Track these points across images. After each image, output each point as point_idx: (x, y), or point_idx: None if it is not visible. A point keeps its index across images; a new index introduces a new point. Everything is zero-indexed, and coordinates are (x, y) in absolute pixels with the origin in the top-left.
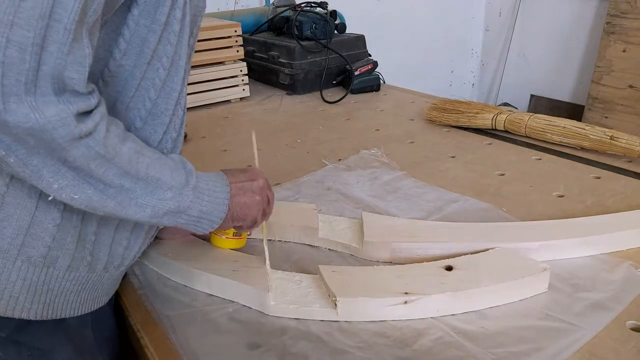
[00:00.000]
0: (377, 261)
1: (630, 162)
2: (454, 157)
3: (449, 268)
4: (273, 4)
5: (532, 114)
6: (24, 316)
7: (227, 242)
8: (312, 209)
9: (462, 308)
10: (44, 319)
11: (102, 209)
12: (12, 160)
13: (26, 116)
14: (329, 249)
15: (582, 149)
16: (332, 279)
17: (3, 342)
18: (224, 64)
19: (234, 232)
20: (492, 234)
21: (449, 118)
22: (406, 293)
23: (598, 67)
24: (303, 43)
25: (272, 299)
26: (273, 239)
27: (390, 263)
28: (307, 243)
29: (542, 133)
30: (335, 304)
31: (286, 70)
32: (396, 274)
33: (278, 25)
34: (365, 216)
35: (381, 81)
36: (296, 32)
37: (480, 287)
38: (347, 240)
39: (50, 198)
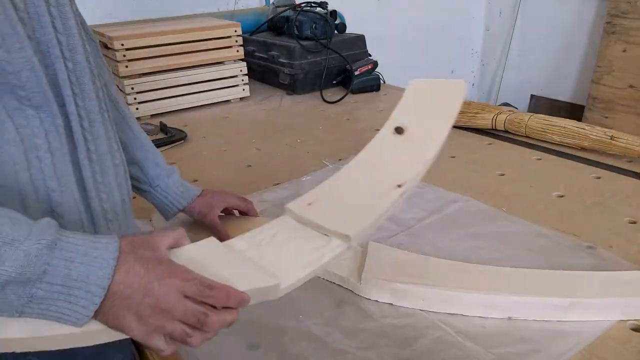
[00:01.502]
0: (377, 301)
1: (630, 162)
2: (454, 157)
3: None
4: (273, 3)
5: (532, 114)
6: None
7: None
8: None
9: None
10: None
11: None
12: None
13: None
14: (326, 280)
15: (582, 149)
16: None
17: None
18: (224, 64)
19: None
20: (515, 284)
21: None
22: None
23: (598, 67)
24: (303, 43)
25: None
26: None
27: (391, 305)
28: None
29: (542, 133)
30: None
31: (286, 70)
32: None
33: (278, 25)
34: (371, 247)
35: (381, 81)
36: (296, 32)
37: None
38: (346, 273)
39: None
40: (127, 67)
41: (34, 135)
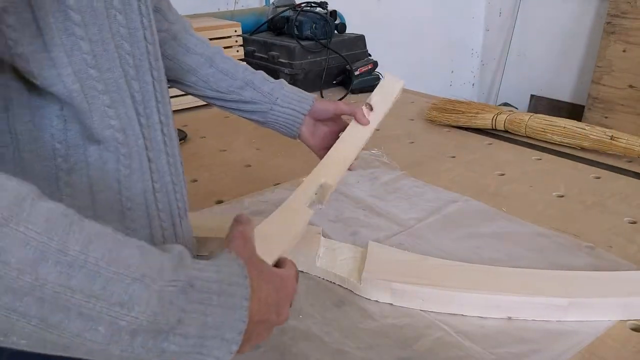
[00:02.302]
0: (377, 301)
1: (630, 162)
2: (454, 157)
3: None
4: (273, 4)
5: (532, 114)
6: None
7: None
8: (315, 233)
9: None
10: None
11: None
12: None
13: None
14: (326, 280)
15: (582, 149)
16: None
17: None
18: None
19: None
20: (515, 284)
21: (449, 118)
22: None
23: (598, 67)
24: (303, 43)
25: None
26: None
27: (391, 305)
28: (304, 270)
29: (542, 133)
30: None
31: (286, 70)
32: None
33: (278, 25)
34: (371, 247)
35: None
36: (296, 32)
37: None
38: (346, 273)
39: None
40: None
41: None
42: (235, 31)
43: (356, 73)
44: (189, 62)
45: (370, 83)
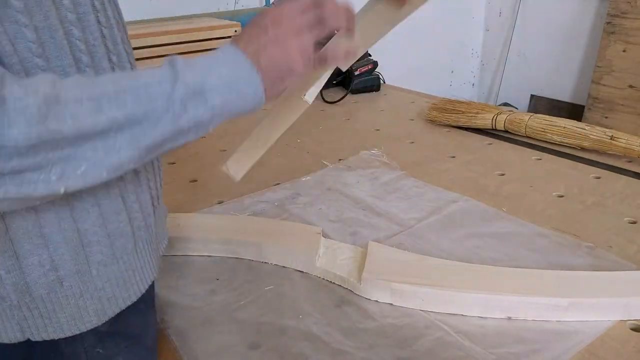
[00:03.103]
0: (377, 301)
1: (630, 162)
2: (454, 157)
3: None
4: (273, 4)
5: (532, 114)
6: (122, 306)
7: None
8: (315, 233)
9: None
10: (133, 302)
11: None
12: None
13: None
14: (326, 280)
15: (582, 149)
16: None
17: (102, 337)
18: None
19: None
20: (515, 284)
21: (449, 118)
22: None
23: (598, 67)
24: None
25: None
26: (267, 262)
27: (391, 305)
28: (303, 271)
29: (542, 133)
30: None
31: None
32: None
33: None
34: (371, 247)
35: (381, 81)
36: None
37: None
38: (346, 273)
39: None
40: None
41: None
42: (235, 31)
43: (356, 73)
44: None
45: (370, 83)
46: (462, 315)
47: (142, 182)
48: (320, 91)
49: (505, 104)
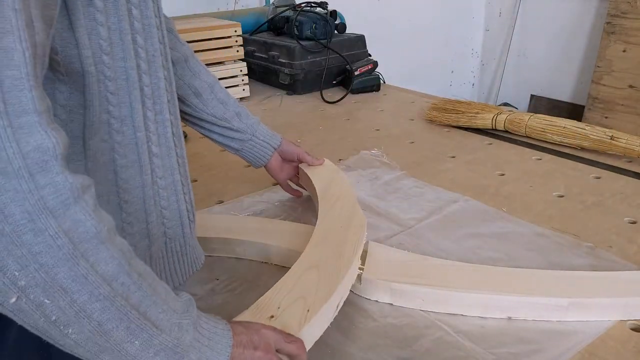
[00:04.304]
0: (377, 301)
1: (630, 162)
2: (454, 157)
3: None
4: (273, 4)
5: (532, 114)
6: None
7: None
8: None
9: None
10: None
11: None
12: None
13: None
14: None
15: (582, 149)
16: None
17: None
18: (224, 64)
19: None
20: (515, 284)
21: (449, 118)
22: None
23: (598, 67)
24: (303, 43)
25: None
26: (267, 262)
27: (391, 305)
28: None
29: (542, 133)
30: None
31: (286, 70)
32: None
33: (278, 25)
34: (371, 247)
35: (381, 81)
36: (296, 32)
37: None
38: None
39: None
40: None
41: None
42: (235, 31)
43: (356, 73)
44: (196, 85)
45: (370, 83)
46: (462, 315)
47: None
48: (321, 91)
49: (505, 104)
